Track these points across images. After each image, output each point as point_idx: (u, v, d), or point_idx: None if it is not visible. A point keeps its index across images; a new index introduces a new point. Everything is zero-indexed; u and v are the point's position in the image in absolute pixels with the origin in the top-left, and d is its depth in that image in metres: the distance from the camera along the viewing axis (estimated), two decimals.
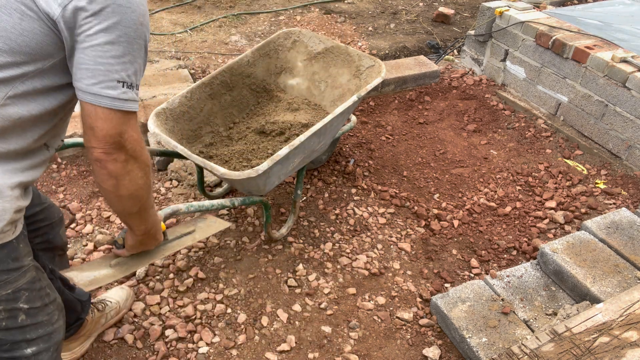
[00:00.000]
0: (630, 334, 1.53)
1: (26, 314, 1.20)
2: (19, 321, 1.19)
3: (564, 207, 2.62)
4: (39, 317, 1.24)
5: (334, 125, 2.22)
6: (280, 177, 2.10)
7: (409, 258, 2.33)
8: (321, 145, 2.26)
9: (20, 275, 1.17)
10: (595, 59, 2.92)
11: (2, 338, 1.19)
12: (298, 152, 2.04)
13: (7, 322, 1.18)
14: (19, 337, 1.21)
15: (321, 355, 1.91)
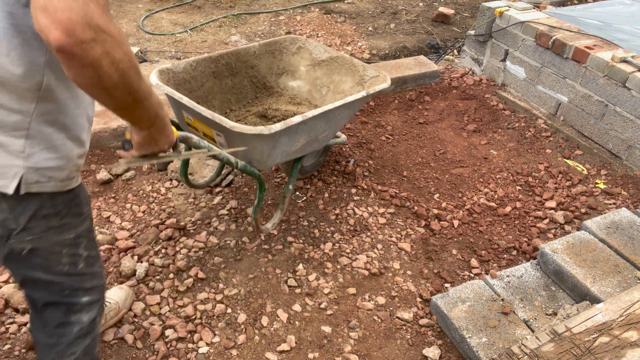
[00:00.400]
0: (630, 334, 1.53)
1: (84, 262, 1.29)
2: (79, 268, 1.28)
3: (564, 207, 2.62)
4: (94, 268, 1.33)
5: (341, 116, 2.21)
6: (282, 155, 2.07)
7: (409, 258, 2.33)
8: (324, 136, 2.25)
9: (81, 222, 1.25)
10: (595, 59, 2.92)
11: (64, 283, 1.27)
12: (307, 128, 2.03)
13: (70, 267, 1.26)
14: (77, 284, 1.29)
15: (321, 355, 1.91)
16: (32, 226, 1.14)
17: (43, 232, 1.17)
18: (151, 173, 2.72)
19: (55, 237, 1.20)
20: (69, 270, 1.26)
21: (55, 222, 1.18)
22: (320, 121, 2.07)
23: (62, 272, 1.26)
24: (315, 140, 2.22)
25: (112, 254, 2.23)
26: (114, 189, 2.61)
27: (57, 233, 1.20)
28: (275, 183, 2.70)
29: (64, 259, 1.24)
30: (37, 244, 1.18)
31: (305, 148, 2.22)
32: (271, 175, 2.75)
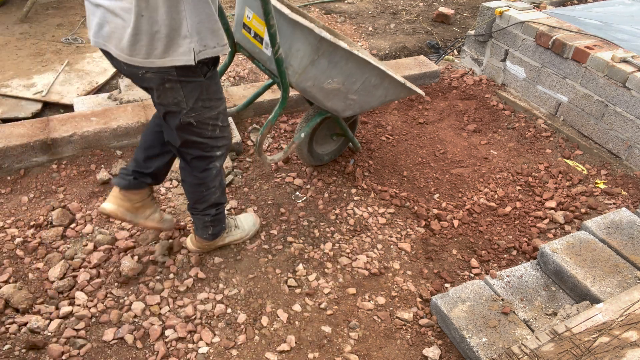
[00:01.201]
0: (630, 334, 1.53)
1: (219, 129, 1.87)
2: (216, 133, 1.86)
3: (564, 207, 2.62)
4: (224, 133, 1.91)
5: (374, 88, 2.29)
6: (313, 83, 2.12)
7: (409, 258, 2.33)
8: (352, 100, 2.30)
9: (221, 103, 1.83)
10: (595, 59, 2.92)
11: (208, 143, 1.86)
12: (346, 70, 2.12)
13: (211, 133, 1.84)
14: (214, 143, 1.88)
15: (321, 355, 1.90)
16: (195, 107, 1.73)
17: (200, 111, 1.75)
18: None
19: (207, 114, 1.78)
20: (211, 135, 1.85)
21: (206, 104, 1.76)
22: (357, 73, 2.16)
23: (208, 136, 1.84)
24: (343, 98, 2.26)
25: (112, 254, 2.23)
26: None
27: (207, 112, 1.78)
28: (275, 183, 2.70)
29: (210, 127, 1.83)
30: (197, 119, 1.76)
31: (332, 99, 2.25)
32: (271, 175, 2.75)
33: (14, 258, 2.20)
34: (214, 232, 2.14)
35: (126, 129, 2.83)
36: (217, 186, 2.00)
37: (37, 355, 1.84)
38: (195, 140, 1.83)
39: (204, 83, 1.71)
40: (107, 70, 3.59)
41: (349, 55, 2.08)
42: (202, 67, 1.68)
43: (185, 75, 1.65)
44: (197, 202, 2.02)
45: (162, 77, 1.63)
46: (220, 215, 2.12)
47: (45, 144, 2.67)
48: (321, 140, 2.72)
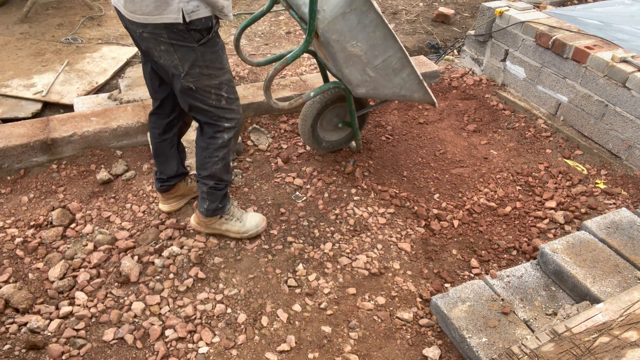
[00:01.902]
0: (630, 334, 1.53)
1: (226, 100, 1.96)
2: (222, 103, 1.96)
3: (564, 207, 2.62)
4: (232, 106, 2.00)
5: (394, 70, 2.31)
6: (336, 38, 2.14)
7: (409, 258, 2.33)
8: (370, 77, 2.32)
9: (223, 73, 1.91)
10: (595, 59, 2.92)
11: (213, 112, 1.97)
12: (370, 33, 2.14)
13: (215, 102, 1.94)
14: (221, 114, 1.98)
15: (321, 355, 1.91)
16: (192, 72, 1.82)
17: (198, 78, 1.84)
18: (151, 173, 2.72)
19: (206, 82, 1.87)
20: (216, 104, 1.95)
21: (205, 72, 1.84)
22: (382, 46, 2.20)
23: (212, 105, 1.95)
24: (361, 69, 2.28)
25: (112, 254, 2.23)
26: (114, 189, 2.61)
27: (207, 80, 1.87)
28: (275, 183, 2.70)
29: (213, 96, 1.92)
30: (196, 85, 1.86)
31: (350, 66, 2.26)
32: (271, 175, 2.75)
33: (14, 258, 2.20)
34: (208, 207, 2.19)
35: (126, 129, 2.83)
36: (220, 158, 2.07)
37: (37, 355, 1.84)
38: (200, 106, 1.94)
39: (198, 50, 1.79)
40: (107, 70, 3.59)
41: (378, 23, 2.12)
42: (193, 33, 1.75)
43: (175, 39, 1.75)
44: (200, 167, 2.12)
45: (155, 39, 1.76)
46: (218, 192, 2.17)
47: (45, 144, 2.67)
48: (326, 125, 2.73)
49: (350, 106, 2.55)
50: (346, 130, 2.83)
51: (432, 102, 2.49)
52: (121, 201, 2.53)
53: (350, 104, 2.53)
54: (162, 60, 1.83)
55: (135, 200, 2.54)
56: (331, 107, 2.67)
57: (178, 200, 2.45)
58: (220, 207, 2.22)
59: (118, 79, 3.52)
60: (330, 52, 2.23)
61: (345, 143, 2.86)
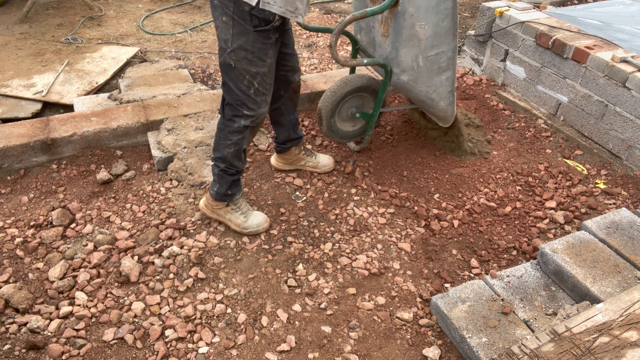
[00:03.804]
0: (630, 334, 1.53)
1: (254, 91, 2.05)
2: (251, 92, 2.04)
3: (564, 207, 2.62)
4: (258, 99, 2.08)
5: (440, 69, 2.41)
6: (414, 13, 2.22)
7: (409, 258, 2.33)
8: (418, 65, 2.40)
9: (262, 66, 2.01)
10: (595, 59, 2.92)
11: (239, 96, 2.05)
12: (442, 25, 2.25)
13: (245, 88, 2.02)
14: (244, 100, 2.06)
15: (321, 355, 1.91)
16: (238, 52, 1.94)
17: (240, 59, 1.96)
18: (151, 173, 2.72)
19: (245, 66, 1.97)
20: (245, 91, 2.03)
21: (248, 56, 1.95)
22: (442, 38, 2.31)
23: (241, 89, 2.03)
24: (414, 55, 2.37)
25: (112, 254, 2.23)
26: (114, 189, 2.61)
27: (247, 64, 1.97)
28: (275, 183, 2.70)
29: (246, 82, 2.01)
30: (236, 64, 1.97)
31: (407, 47, 2.34)
32: (271, 175, 2.75)
33: (14, 258, 2.20)
34: (218, 190, 2.27)
35: (126, 129, 2.83)
36: (233, 142, 2.16)
37: (37, 355, 1.84)
38: (231, 86, 2.04)
39: (252, 33, 1.91)
40: (107, 70, 3.59)
41: (450, 13, 2.23)
42: (254, 18, 1.87)
43: (238, 16, 1.87)
44: (215, 148, 2.22)
45: (222, 8, 1.89)
46: (228, 177, 2.25)
47: (45, 144, 2.67)
48: (344, 112, 2.75)
49: (382, 93, 2.60)
50: (359, 124, 2.84)
51: (451, 115, 2.55)
52: (121, 201, 2.54)
53: (383, 91, 2.59)
54: (218, 31, 1.97)
55: (135, 200, 2.54)
56: (354, 95, 2.69)
57: (284, 164, 2.73)
58: (229, 194, 2.28)
59: (118, 79, 3.52)
60: (397, 26, 2.30)
61: (353, 137, 2.86)
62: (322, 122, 2.66)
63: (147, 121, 2.86)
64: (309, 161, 2.74)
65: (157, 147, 2.77)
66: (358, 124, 2.84)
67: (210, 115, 2.97)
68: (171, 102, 3.06)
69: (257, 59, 1.97)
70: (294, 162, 2.72)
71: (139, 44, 4.07)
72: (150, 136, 2.85)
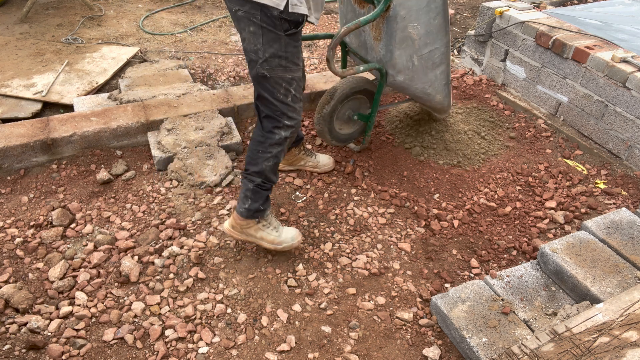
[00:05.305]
0: (630, 334, 1.53)
1: (292, 98, 1.98)
2: (287, 100, 1.97)
3: (564, 207, 2.62)
4: (296, 105, 2.02)
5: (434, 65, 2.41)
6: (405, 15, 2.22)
7: (409, 258, 2.33)
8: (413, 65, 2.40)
9: (297, 70, 1.94)
10: (595, 59, 2.92)
11: (277, 105, 1.97)
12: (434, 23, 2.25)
13: (283, 96, 1.95)
14: (284, 110, 1.99)
15: (321, 355, 1.91)
16: (271, 60, 1.87)
17: (274, 67, 1.88)
18: (151, 173, 2.72)
19: (280, 73, 1.90)
20: (283, 100, 1.96)
21: (282, 62, 1.88)
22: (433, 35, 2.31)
23: (279, 99, 1.95)
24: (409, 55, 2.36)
25: (112, 254, 2.23)
26: (114, 189, 2.61)
27: (282, 71, 1.90)
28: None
29: (282, 90, 1.94)
30: (271, 73, 1.89)
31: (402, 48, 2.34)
32: None
33: (14, 258, 2.20)
34: (250, 207, 2.13)
35: (126, 129, 2.83)
36: (273, 155, 2.08)
37: (37, 355, 1.84)
38: (267, 98, 1.96)
39: (283, 38, 1.84)
40: (107, 70, 3.59)
41: (441, 10, 2.22)
42: (284, 22, 1.81)
43: (267, 23, 1.80)
44: (250, 162, 2.11)
45: (248, 18, 1.81)
46: (263, 192, 2.14)
47: (45, 144, 2.68)
48: (340, 117, 2.74)
49: (379, 95, 2.60)
50: (356, 126, 2.84)
51: (448, 106, 2.54)
52: (121, 201, 2.53)
53: (380, 92, 2.59)
54: (245, 44, 1.90)
55: (135, 200, 2.54)
56: (351, 98, 2.69)
57: (285, 164, 2.72)
58: (261, 209, 2.15)
59: (118, 79, 3.52)
60: (390, 30, 2.29)
61: (351, 140, 2.86)
62: (322, 130, 2.68)
63: (147, 121, 2.86)
64: (309, 161, 2.73)
65: (157, 147, 2.77)
66: (355, 126, 2.84)
67: (210, 115, 2.97)
68: (171, 102, 3.06)
69: (291, 64, 1.91)
70: (294, 162, 2.72)
71: (139, 44, 4.07)
72: (150, 136, 2.85)
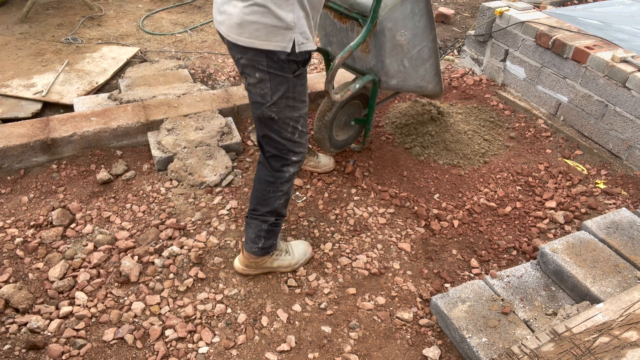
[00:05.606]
0: (630, 334, 1.53)
1: (299, 134, 1.90)
2: (295, 137, 1.89)
3: (564, 207, 2.62)
4: (303, 139, 1.93)
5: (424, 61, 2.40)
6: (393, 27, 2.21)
7: (409, 258, 2.33)
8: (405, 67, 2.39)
9: (304, 107, 1.86)
10: (595, 59, 2.92)
11: (285, 144, 1.89)
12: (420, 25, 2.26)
13: (290, 135, 1.87)
14: (291, 147, 1.91)
15: (321, 355, 1.91)
16: (279, 103, 1.77)
17: (282, 108, 1.79)
18: (151, 173, 2.72)
19: (289, 113, 1.82)
20: (290, 137, 1.88)
21: (290, 103, 1.79)
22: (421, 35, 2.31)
23: (286, 137, 1.87)
24: (400, 60, 2.35)
25: (112, 254, 2.23)
26: (114, 189, 2.61)
27: (290, 111, 1.81)
28: None
29: (290, 129, 1.86)
30: (278, 115, 1.80)
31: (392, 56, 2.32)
32: None
33: (14, 258, 2.20)
34: (264, 245, 2.06)
35: (126, 129, 2.83)
36: (284, 192, 2.00)
37: (37, 355, 1.84)
38: (274, 137, 1.87)
39: (292, 80, 1.75)
40: (107, 70, 3.59)
41: (425, 12, 2.22)
42: (292, 64, 1.71)
43: (273, 68, 1.70)
44: (259, 203, 2.00)
45: (253, 66, 1.71)
46: (276, 229, 2.08)
47: (45, 144, 2.67)
48: (340, 121, 2.73)
49: (373, 100, 2.59)
50: (351, 131, 2.83)
51: (440, 92, 2.55)
52: (121, 201, 2.53)
53: (374, 97, 2.57)
54: (250, 87, 1.79)
55: (135, 200, 2.54)
56: (348, 104, 2.69)
57: None
58: (274, 243, 2.12)
59: (118, 79, 3.52)
60: (378, 43, 2.27)
61: (347, 145, 2.86)
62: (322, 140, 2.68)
63: (147, 121, 2.86)
64: (310, 161, 2.72)
65: (157, 147, 2.77)
66: (351, 131, 2.84)
67: (210, 115, 2.97)
68: (171, 102, 3.06)
69: (299, 102, 1.82)
70: None
71: (139, 44, 4.07)
72: (150, 136, 2.85)
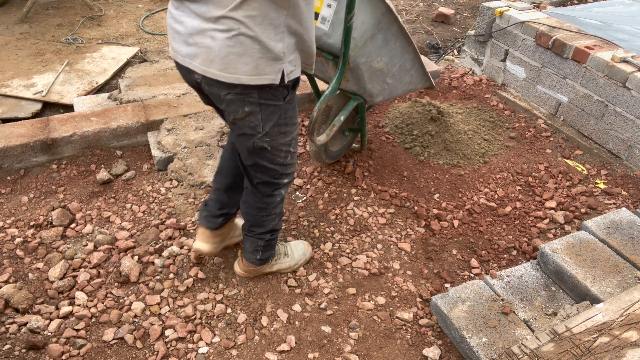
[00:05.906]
0: (630, 334, 1.53)
1: (290, 156, 1.82)
2: (287, 160, 1.82)
3: (564, 207, 2.62)
4: (293, 160, 1.86)
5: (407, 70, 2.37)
6: (365, 60, 2.16)
7: (409, 258, 2.33)
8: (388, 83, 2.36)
9: (295, 128, 1.78)
10: (595, 59, 2.92)
11: (277, 170, 1.81)
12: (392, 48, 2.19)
13: (283, 160, 1.79)
14: (283, 171, 1.83)
15: (321, 355, 1.91)
16: (271, 132, 1.68)
17: (274, 136, 1.70)
18: (151, 173, 2.72)
19: (281, 139, 1.73)
20: (282, 162, 1.80)
21: (282, 129, 1.71)
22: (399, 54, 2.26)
23: (279, 163, 1.80)
24: (382, 80, 2.32)
25: (112, 254, 2.23)
26: (114, 189, 2.61)
27: (282, 137, 1.73)
28: None
29: (282, 154, 1.78)
30: (271, 144, 1.72)
31: (373, 80, 2.29)
32: None
33: (14, 258, 2.20)
34: (262, 257, 2.08)
35: (126, 129, 2.83)
36: (277, 213, 1.98)
37: (37, 355, 1.84)
38: (266, 165, 1.79)
39: (283, 107, 1.66)
40: (107, 70, 3.59)
41: (400, 33, 2.17)
42: (282, 90, 1.62)
43: (265, 98, 1.59)
44: (254, 225, 1.98)
45: (242, 100, 1.58)
46: (273, 241, 2.08)
47: (45, 144, 2.68)
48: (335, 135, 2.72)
49: (363, 112, 2.56)
50: (344, 141, 2.81)
51: (431, 86, 2.55)
52: (121, 201, 2.53)
53: (363, 111, 2.55)
54: (237, 121, 1.66)
55: (135, 200, 2.54)
56: None
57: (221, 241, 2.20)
58: (273, 253, 2.13)
59: (118, 79, 3.52)
60: (356, 76, 2.23)
61: (340, 155, 2.84)
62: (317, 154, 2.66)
63: (147, 121, 2.86)
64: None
65: (157, 147, 2.77)
66: (344, 140, 2.81)
67: (210, 115, 2.97)
68: (171, 102, 3.06)
69: (290, 126, 1.74)
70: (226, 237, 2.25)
71: (139, 44, 4.07)
72: (150, 136, 2.85)
